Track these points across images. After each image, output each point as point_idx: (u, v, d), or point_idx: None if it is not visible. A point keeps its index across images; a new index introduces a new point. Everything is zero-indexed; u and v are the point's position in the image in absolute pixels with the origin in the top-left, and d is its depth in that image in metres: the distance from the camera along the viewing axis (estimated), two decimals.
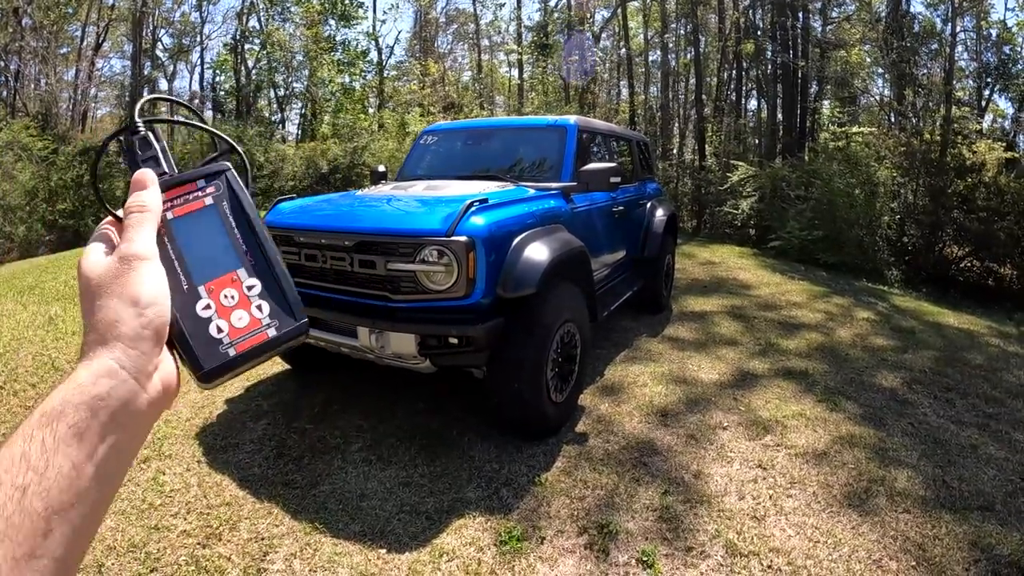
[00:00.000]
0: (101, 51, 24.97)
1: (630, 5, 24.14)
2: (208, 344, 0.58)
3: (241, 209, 0.64)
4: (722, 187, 15.23)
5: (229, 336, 0.59)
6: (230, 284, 0.61)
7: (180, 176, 0.65)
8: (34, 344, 5.02)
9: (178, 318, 0.57)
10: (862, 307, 7.54)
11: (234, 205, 0.64)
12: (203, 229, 0.63)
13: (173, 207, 0.62)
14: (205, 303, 0.59)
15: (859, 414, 4.22)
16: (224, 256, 0.62)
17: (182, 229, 0.62)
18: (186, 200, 0.63)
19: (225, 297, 0.60)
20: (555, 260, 3.30)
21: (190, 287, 0.59)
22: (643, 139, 6.95)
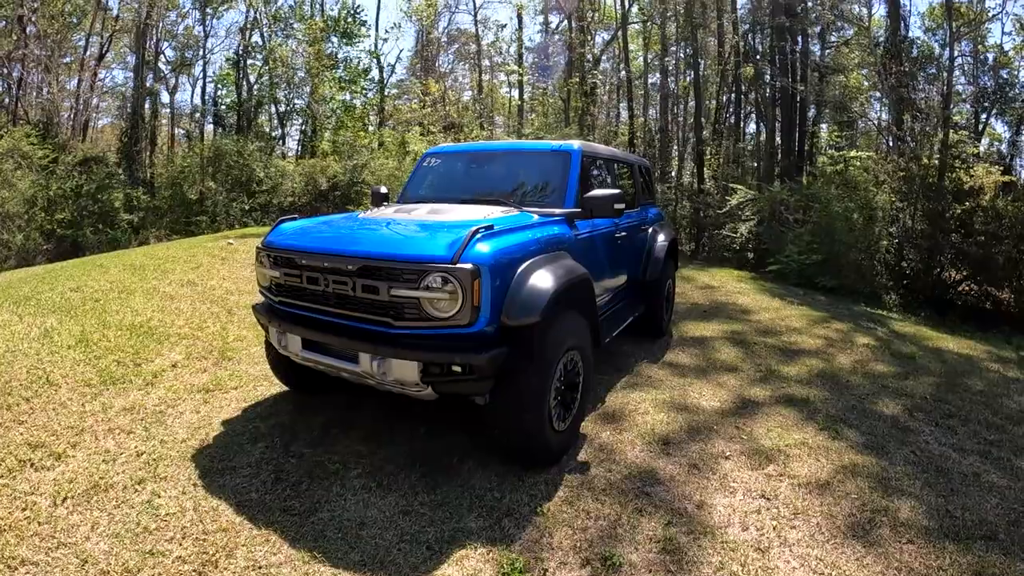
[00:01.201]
0: (104, 62, 25.10)
1: (630, 28, 24.32)
2: None
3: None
4: (721, 210, 15.29)
5: None
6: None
7: None
8: (28, 357, 4.96)
9: None
10: (862, 332, 7.54)
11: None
12: None
13: None
14: None
15: (861, 442, 4.21)
16: None
17: None
18: None
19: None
20: (559, 288, 3.28)
21: None
22: (645, 163, 6.96)
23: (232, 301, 6.88)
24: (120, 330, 5.68)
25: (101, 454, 3.63)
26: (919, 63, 18.11)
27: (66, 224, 16.32)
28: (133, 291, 6.92)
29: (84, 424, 3.98)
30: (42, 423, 3.97)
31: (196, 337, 5.74)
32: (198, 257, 8.94)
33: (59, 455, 3.59)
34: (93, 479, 3.34)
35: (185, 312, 6.39)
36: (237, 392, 4.63)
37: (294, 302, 3.61)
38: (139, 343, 5.43)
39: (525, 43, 29.29)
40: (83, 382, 4.59)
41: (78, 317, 5.93)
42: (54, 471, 3.44)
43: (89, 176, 17.66)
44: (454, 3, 30.25)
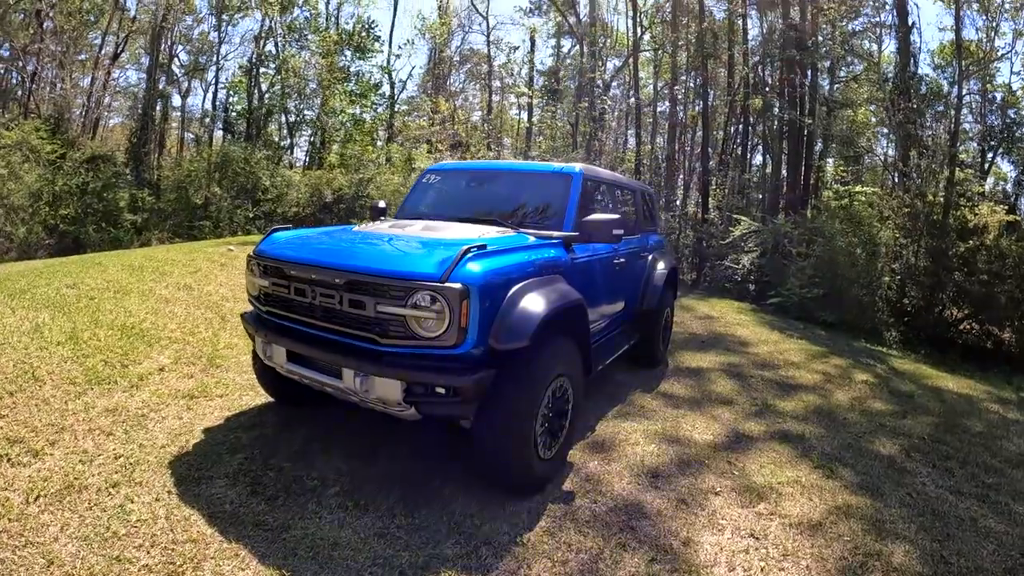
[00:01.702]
0: (119, 61, 25.25)
1: (641, 55, 24.45)
2: None
3: None
4: (724, 241, 15.23)
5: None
6: None
7: None
8: (16, 351, 4.91)
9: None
10: (861, 369, 7.45)
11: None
12: None
13: None
14: None
15: (856, 482, 4.13)
16: None
17: None
18: None
19: None
20: (551, 312, 3.22)
21: None
22: (648, 190, 6.92)
23: (227, 308, 6.83)
24: (111, 330, 5.63)
25: (79, 454, 3.59)
26: (927, 100, 18.12)
27: (69, 220, 16.27)
28: (129, 291, 6.88)
29: (65, 422, 3.93)
30: (23, 419, 3.92)
31: (186, 342, 5.69)
32: (197, 262, 8.90)
33: (37, 452, 3.55)
34: (68, 479, 3.30)
35: (178, 316, 6.35)
36: (222, 400, 4.57)
37: (281, 313, 3.56)
38: (129, 344, 5.37)
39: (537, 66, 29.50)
40: (68, 380, 4.54)
41: (71, 314, 5.89)
42: (30, 468, 3.40)
43: (96, 174, 17.63)
44: (468, 23, 30.51)
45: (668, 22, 21.95)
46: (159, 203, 19.72)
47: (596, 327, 4.58)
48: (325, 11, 26.37)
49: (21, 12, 19.24)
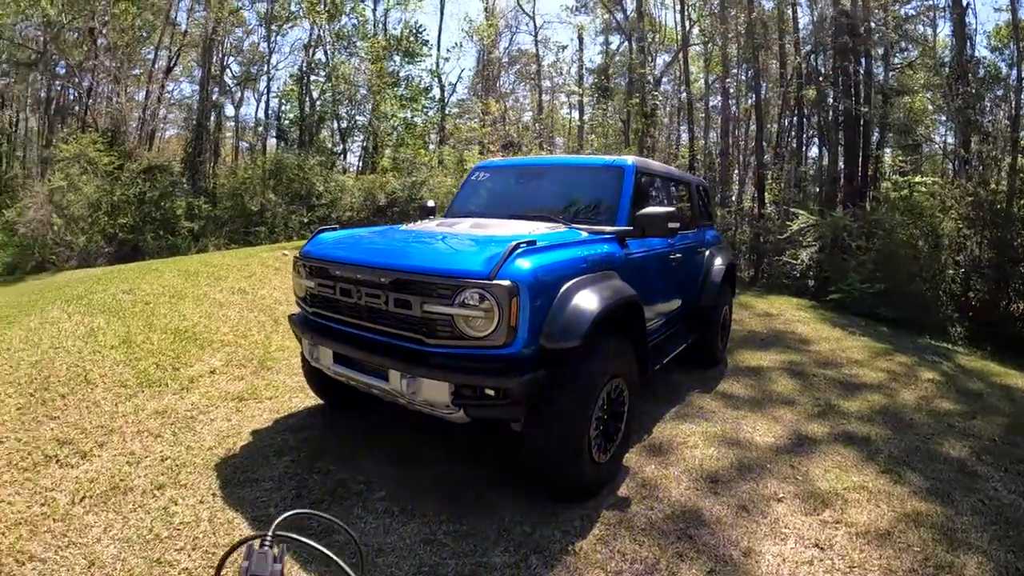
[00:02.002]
0: (172, 74, 25.85)
1: (691, 49, 24.02)
2: None
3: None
4: (781, 236, 14.81)
5: None
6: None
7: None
8: (71, 355, 5.00)
9: None
10: (926, 366, 7.08)
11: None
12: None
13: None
14: None
15: (925, 488, 3.85)
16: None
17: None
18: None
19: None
20: (604, 310, 3.05)
21: None
22: (703, 183, 6.69)
23: (279, 311, 6.85)
24: (164, 333, 5.69)
25: (126, 456, 3.61)
26: (986, 84, 17.28)
27: (128, 229, 16.73)
28: (184, 296, 6.97)
29: (114, 424, 3.97)
30: (73, 420, 3.99)
31: (238, 344, 5.71)
32: (252, 266, 9.01)
33: (85, 453, 3.59)
34: (114, 480, 3.32)
35: (232, 319, 6.39)
36: (271, 402, 4.54)
37: (327, 314, 3.49)
38: (181, 347, 5.41)
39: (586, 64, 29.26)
40: (119, 383, 4.59)
41: (125, 318, 5.98)
42: (78, 469, 3.44)
43: (153, 184, 18.10)
44: (515, 24, 30.48)
45: (716, 14, 21.46)
46: (215, 210, 20.14)
47: (652, 325, 4.38)
48: (373, 18, 26.59)
49: (75, 31, 19.85)
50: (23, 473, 3.35)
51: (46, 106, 23.86)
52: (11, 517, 2.95)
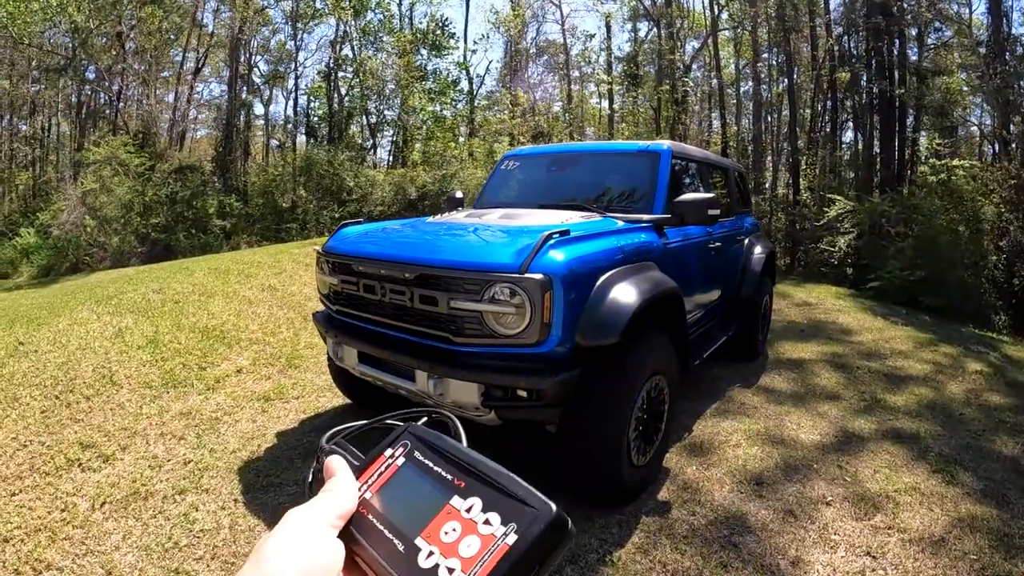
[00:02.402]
0: (200, 75, 26.05)
1: (720, 35, 23.56)
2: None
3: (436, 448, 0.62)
4: (818, 223, 14.47)
5: (463, 570, 0.50)
6: (447, 518, 0.55)
7: (369, 457, 0.65)
8: (97, 355, 4.97)
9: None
10: (972, 357, 6.78)
11: (428, 448, 0.62)
12: (403, 488, 0.60)
13: (370, 486, 0.61)
14: (427, 552, 0.53)
15: (979, 489, 3.62)
16: (431, 498, 0.57)
17: (384, 499, 0.60)
18: (379, 474, 0.62)
19: (446, 534, 0.54)
20: (644, 303, 2.85)
21: (407, 546, 0.54)
22: (740, 168, 6.43)
23: (309, 308, 6.77)
24: (192, 332, 5.64)
25: (148, 459, 3.53)
26: None
27: (160, 228, 16.87)
28: (213, 294, 6.94)
29: (137, 427, 3.90)
30: (97, 423, 3.94)
31: (267, 343, 5.63)
32: (282, 263, 8.97)
33: (107, 457, 3.53)
34: (135, 485, 3.25)
35: (261, 316, 6.32)
36: (298, 402, 4.43)
37: (352, 312, 3.34)
38: (208, 346, 5.35)
39: (614, 52, 28.82)
40: (145, 383, 4.53)
41: (154, 318, 5.94)
42: (99, 473, 3.37)
43: (184, 183, 18.23)
44: (541, 13, 30.10)
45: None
46: (247, 208, 20.25)
47: (692, 318, 4.16)
48: (398, 12, 26.47)
49: (103, 35, 20.06)
50: (45, 478, 3.30)
51: (77, 110, 24.15)
52: (31, 523, 2.88)
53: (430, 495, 0.57)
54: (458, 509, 0.55)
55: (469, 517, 0.53)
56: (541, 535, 0.50)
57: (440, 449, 0.61)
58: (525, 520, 0.51)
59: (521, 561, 0.49)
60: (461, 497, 0.55)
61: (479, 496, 0.55)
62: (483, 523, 0.52)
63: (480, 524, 0.52)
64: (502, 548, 0.50)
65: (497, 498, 0.54)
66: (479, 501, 0.54)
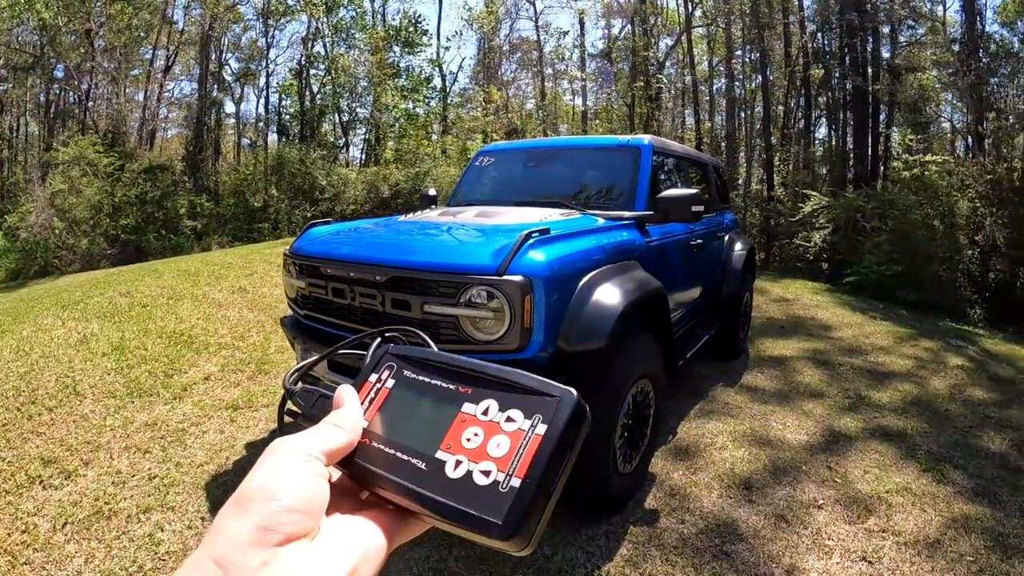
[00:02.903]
0: (171, 73, 25.62)
1: (694, 31, 23.61)
2: (484, 497, 0.47)
3: (422, 362, 0.59)
4: (793, 218, 14.51)
5: (500, 470, 0.48)
6: (464, 426, 0.52)
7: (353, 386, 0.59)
8: (61, 364, 4.79)
9: (435, 499, 0.48)
10: (952, 352, 6.81)
11: (414, 365, 0.59)
12: (402, 408, 0.56)
13: (364, 414, 0.57)
14: (453, 462, 0.50)
15: (970, 487, 3.58)
16: (438, 411, 0.54)
17: (385, 425, 0.55)
18: (370, 401, 0.58)
19: (468, 440, 0.51)
20: (630, 305, 2.72)
21: (428, 461, 0.51)
22: (719, 164, 6.34)
23: (280, 310, 6.58)
24: (160, 338, 5.46)
25: (112, 475, 3.37)
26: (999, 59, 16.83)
27: (130, 230, 16.62)
28: (182, 297, 6.76)
29: (101, 440, 3.73)
30: (60, 436, 3.78)
31: (236, 347, 5.45)
32: (254, 264, 8.79)
33: (70, 473, 3.37)
34: (98, 504, 3.09)
35: (230, 320, 6.14)
36: (268, 411, 4.26)
37: (320, 317, 3.17)
38: (176, 352, 5.17)
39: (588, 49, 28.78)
40: (109, 393, 4.36)
41: (121, 323, 5.77)
42: (62, 491, 3.21)
43: (154, 183, 17.95)
44: (515, 10, 29.95)
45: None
46: (218, 208, 20.01)
47: (675, 317, 4.03)
48: (371, 8, 26.20)
49: (72, 33, 19.66)
50: (5, 497, 3.14)
51: (45, 110, 23.63)
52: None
53: (436, 409, 0.55)
54: (473, 415, 0.53)
55: (489, 419, 0.52)
56: (570, 420, 0.49)
57: (429, 363, 0.58)
58: (549, 409, 0.50)
59: (558, 448, 0.48)
60: (472, 403, 0.54)
61: (491, 398, 0.53)
62: (505, 421, 0.51)
63: (503, 423, 0.51)
64: (535, 439, 0.49)
65: (511, 395, 0.53)
66: (494, 403, 0.53)
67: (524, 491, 0.47)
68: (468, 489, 0.48)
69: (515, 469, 0.48)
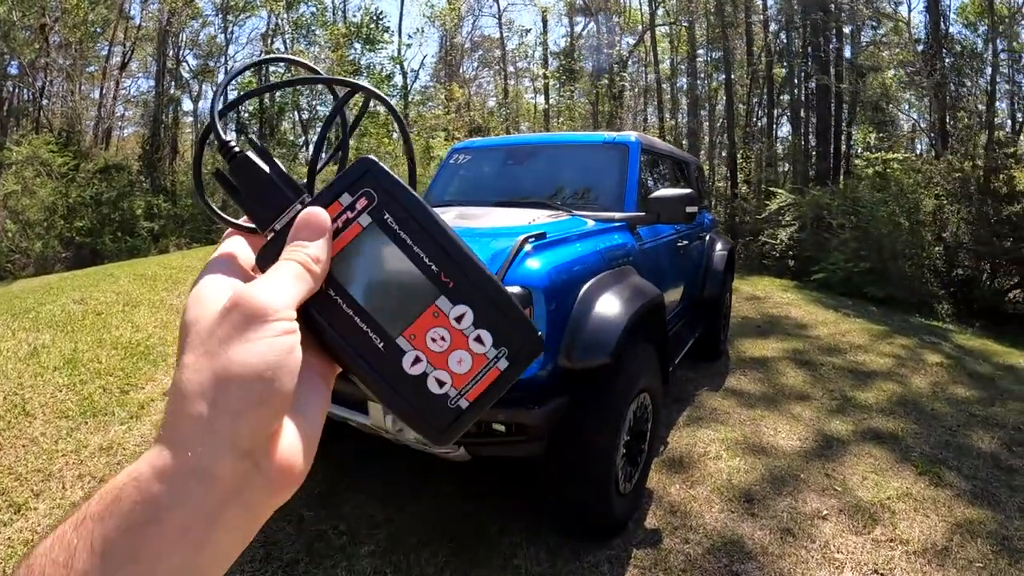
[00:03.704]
0: (127, 70, 24.90)
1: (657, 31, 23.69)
2: (433, 403, 0.45)
3: (409, 213, 0.47)
4: (759, 216, 14.59)
5: (454, 386, 0.45)
6: (434, 322, 0.45)
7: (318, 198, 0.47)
8: (10, 380, 4.46)
9: (388, 388, 0.44)
10: (928, 349, 6.89)
11: (398, 211, 0.47)
12: (372, 261, 0.46)
13: None
14: (412, 357, 0.45)
15: (968, 490, 3.56)
16: (413, 289, 0.46)
17: (346, 270, 0.46)
18: (336, 231, 0.46)
19: (433, 340, 0.45)
20: (634, 315, 2.52)
21: (386, 343, 0.45)
22: (698, 163, 6.22)
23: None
24: (115, 349, 5.15)
25: (65, 508, 3.07)
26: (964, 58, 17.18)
27: (85, 232, 16.16)
28: (139, 303, 6.44)
29: (53, 467, 3.43)
30: (8, 464, 3.45)
31: None
32: None
33: (19, 507, 3.05)
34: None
35: None
36: None
37: None
38: (132, 365, 4.86)
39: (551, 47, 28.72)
40: (61, 413, 4.04)
41: (74, 333, 5.45)
42: (11, 527, 2.91)
43: (110, 184, 17.50)
44: (478, 7, 29.77)
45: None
46: (175, 209, 19.59)
47: None
48: (332, 5, 25.88)
49: (26, 28, 19.00)
50: None
51: None
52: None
53: (412, 284, 0.46)
54: (446, 314, 0.46)
55: (460, 328, 0.46)
56: (526, 360, 0.47)
57: (414, 217, 0.47)
58: (515, 346, 0.46)
59: (505, 386, 0.46)
60: (449, 300, 0.46)
61: (469, 305, 0.46)
62: (474, 339, 0.46)
63: (471, 340, 0.46)
64: (493, 372, 0.46)
65: (489, 311, 0.46)
66: (470, 312, 0.46)
67: (468, 413, 0.45)
68: (420, 390, 0.45)
69: (467, 392, 0.45)
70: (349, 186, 0.48)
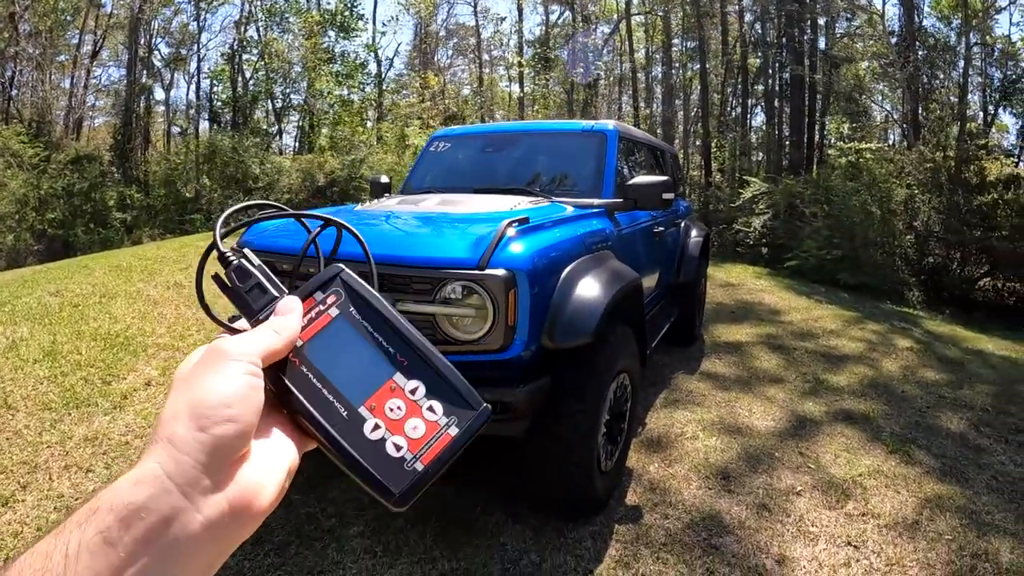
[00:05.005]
0: (98, 59, 24.49)
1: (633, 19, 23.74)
2: (391, 466, 0.51)
3: (371, 308, 0.57)
4: (732, 204, 14.72)
5: (410, 450, 0.51)
6: (391, 394, 0.54)
7: (296, 292, 0.58)
8: None
9: (350, 451, 0.51)
10: (898, 334, 7.09)
11: (361, 306, 0.57)
12: (339, 345, 0.56)
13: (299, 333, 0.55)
14: (372, 424, 0.52)
15: (937, 467, 3.69)
16: (373, 367, 0.55)
17: (317, 352, 0.55)
18: (310, 320, 0.56)
19: (391, 410, 0.53)
20: (614, 297, 2.59)
21: (350, 412, 0.52)
22: (674, 151, 6.31)
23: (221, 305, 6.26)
24: (94, 340, 5.12)
25: (53, 499, 3.07)
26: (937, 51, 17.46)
27: (57, 224, 15.87)
28: (116, 295, 6.38)
29: (38, 459, 3.41)
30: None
31: (176, 348, 5.15)
32: (188, 257, 8.39)
33: (7, 500, 3.05)
34: (41, 534, 2.74)
35: (168, 318, 5.81)
36: None
37: None
38: (113, 356, 4.84)
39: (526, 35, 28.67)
40: (44, 405, 4.02)
41: (52, 325, 5.39)
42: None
43: (81, 175, 17.18)
44: None
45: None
46: (148, 199, 19.28)
47: None
48: None
49: None
50: None
51: None
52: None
53: (372, 363, 0.55)
54: (402, 388, 0.54)
55: (414, 400, 0.53)
56: (475, 431, 0.53)
57: (375, 310, 0.57)
58: (466, 418, 0.53)
59: (457, 452, 0.52)
60: (404, 376, 0.54)
61: (421, 380, 0.54)
62: (427, 409, 0.53)
63: (424, 409, 0.53)
64: (445, 438, 0.52)
65: (439, 385, 0.54)
66: (422, 385, 0.54)
67: (424, 476, 0.50)
68: (380, 455, 0.51)
69: (422, 456, 0.51)
70: (321, 285, 0.58)
